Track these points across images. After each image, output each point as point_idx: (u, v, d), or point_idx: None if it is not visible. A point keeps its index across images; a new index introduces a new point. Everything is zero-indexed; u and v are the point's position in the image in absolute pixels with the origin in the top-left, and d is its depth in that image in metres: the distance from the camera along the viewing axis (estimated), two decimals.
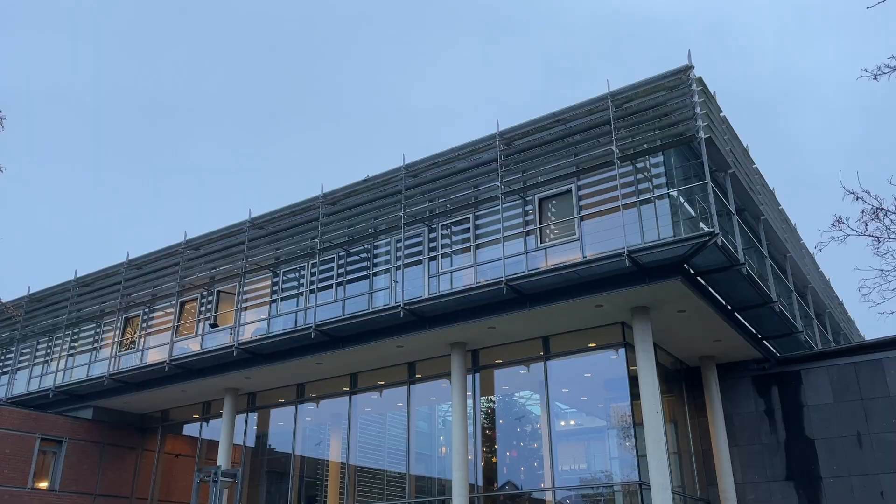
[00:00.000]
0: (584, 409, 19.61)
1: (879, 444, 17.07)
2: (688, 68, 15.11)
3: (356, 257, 19.92)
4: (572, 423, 19.47)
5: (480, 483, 18.21)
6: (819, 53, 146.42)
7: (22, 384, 26.54)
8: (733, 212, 16.43)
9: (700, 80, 15.19)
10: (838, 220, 11.31)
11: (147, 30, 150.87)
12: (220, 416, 23.09)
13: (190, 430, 25.86)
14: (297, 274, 20.87)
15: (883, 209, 11.15)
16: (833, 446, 17.65)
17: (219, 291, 22.40)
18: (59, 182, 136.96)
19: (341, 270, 19.99)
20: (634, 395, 16.29)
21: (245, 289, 21.54)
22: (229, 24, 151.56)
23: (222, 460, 21.64)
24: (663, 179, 15.77)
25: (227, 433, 22.27)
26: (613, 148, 15.38)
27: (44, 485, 23.16)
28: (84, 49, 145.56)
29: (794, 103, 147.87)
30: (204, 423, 24.98)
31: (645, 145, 15.49)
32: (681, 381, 19.52)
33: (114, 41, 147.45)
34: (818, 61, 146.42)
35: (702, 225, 15.24)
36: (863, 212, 11.16)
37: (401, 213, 18.26)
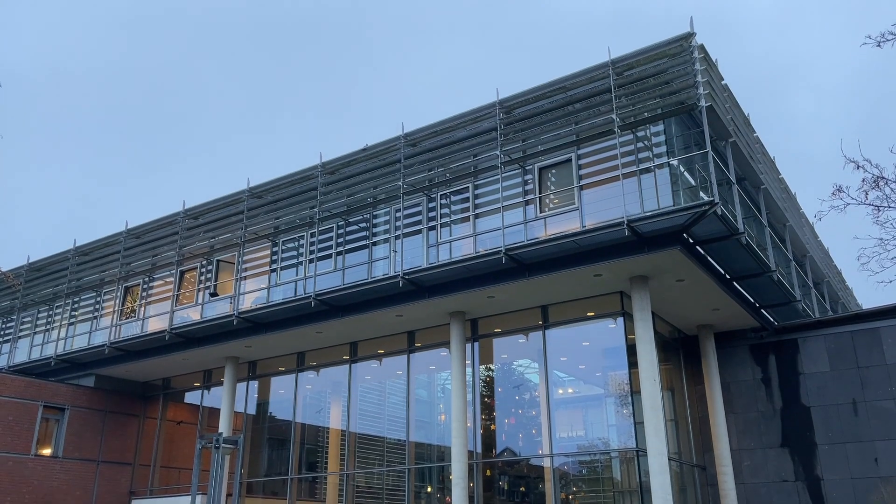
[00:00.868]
0: (583, 377, 19.76)
1: (875, 411, 17.24)
2: (689, 35, 14.94)
3: (355, 227, 19.91)
4: (570, 391, 19.64)
5: (479, 450, 18.43)
6: (814, 34, 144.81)
7: (23, 352, 26.71)
8: (733, 181, 16.39)
9: (702, 48, 15.03)
10: (838, 189, 11.28)
11: (148, 8, 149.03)
12: (221, 384, 23.28)
13: (191, 397, 26.10)
14: (297, 243, 20.87)
15: (883, 178, 11.12)
16: (828, 414, 17.84)
17: (218, 261, 22.42)
18: (60, 158, 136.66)
19: (340, 240, 19.99)
20: (632, 363, 16.41)
21: (244, 258, 21.56)
22: (230, 2, 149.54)
23: (224, 427, 21.87)
24: (664, 148, 15.70)
25: (228, 401, 22.47)
26: (614, 116, 15.28)
27: (47, 451, 23.43)
28: (85, 27, 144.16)
29: (788, 84, 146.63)
30: (205, 391, 25.19)
31: (646, 114, 15.39)
32: (678, 349, 19.65)
33: (115, 19, 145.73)
34: (813, 42, 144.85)
35: (701, 194, 15.21)
36: (863, 181, 11.14)
37: (400, 183, 18.20)
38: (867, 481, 16.75)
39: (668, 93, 15.16)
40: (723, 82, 16.61)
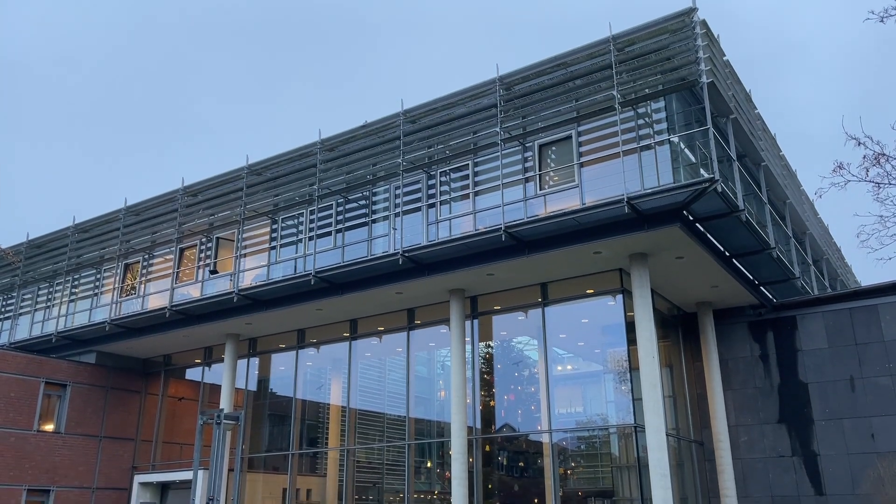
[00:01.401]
0: (582, 354, 19.86)
1: (872, 387, 17.35)
2: (691, 10, 14.81)
3: (355, 204, 19.87)
4: (569, 367, 19.74)
5: (479, 426, 18.57)
6: (810, 16, 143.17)
7: (24, 329, 26.79)
8: (734, 158, 16.33)
9: (704, 24, 14.90)
10: (839, 166, 11.26)
11: None
12: (221, 360, 23.39)
13: (192, 374, 26.23)
14: (296, 221, 20.85)
15: (884, 154, 11.09)
16: (826, 390, 17.95)
17: (218, 238, 22.41)
18: (62, 139, 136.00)
19: (340, 217, 19.97)
20: (631, 340, 16.48)
21: (244, 235, 21.55)
22: None
23: (225, 404, 22.01)
24: (664, 125, 15.62)
25: (228, 377, 22.59)
26: (615, 93, 15.18)
27: (49, 427, 23.60)
28: (86, 5, 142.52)
29: (785, 66, 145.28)
30: (206, 368, 25.31)
31: (646, 90, 15.29)
32: (677, 326, 19.72)
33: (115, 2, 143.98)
34: (810, 23, 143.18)
35: (702, 171, 15.17)
36: (864, 157, 11.11)
37: (399, 160, 18.14)
38: (864, 457, 16.91)
39: (669, 69, 15.06)
40: (724, 58, 16.49)
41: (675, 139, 15.49)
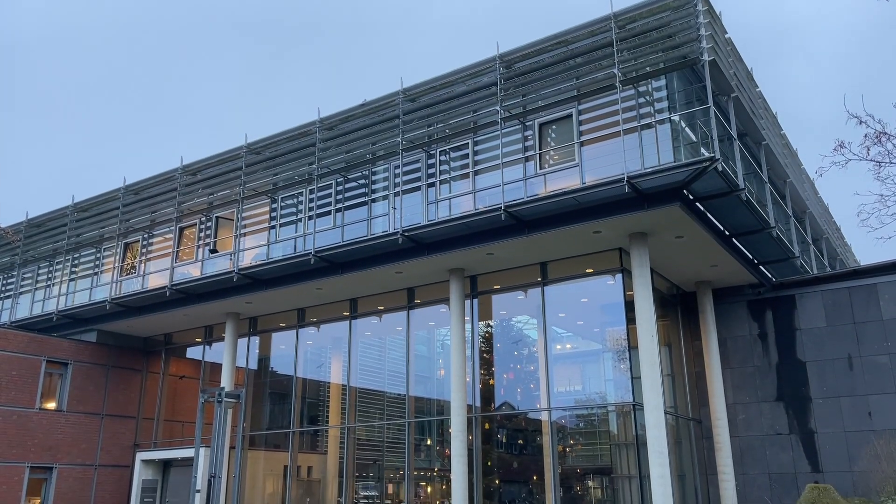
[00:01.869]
0: (581, 333, 19.93)
1: (870, 366, 17.43)
2: None
3: (354, 183, 19.83)
4: (568, 346, 19.82)
5: (478, 404, 18.68)
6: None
7: (25, 308, 26.85)
8: (734, 137, 16.26)
9: (705, 0, 14.76)
10: (840, 145, 11.22)
11: None
12: (222, 339, 23.47)
13: (193, 353, 26.34)
14: (296, 200, 20.81)
15: (886, 133, 11.05)
16: (824, 368, 18.04)
17: (217, 217, 22.39)
18: (62, 119, 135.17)
19: (339, 197, 19.93)
20: (630, 319, 16.52)
21: (243, 215, 21.53)
22: None
23: (225, 382, 22.13)
24: (665, 104, 15.54)
25: (229, 356, 22.68)
26: (615, 71, 15.09)
27: (51, 405, 23.74)
28: None
29: (784, 49, 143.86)
30: (207, 347, 25.41)
31: (647, 68, 15.19)
32: (676, 305, 19.77)
33: None
34: (808, 7, 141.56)
35: (702, 150, 15.12)
36: (865, 136, 11.07)
37: (399, 139, 18.06)
38: (860, 434, 17.03)
39: (670, 46, 14.95)
40: (726, 36, 16.36)
41: (676, 118, 15.42)
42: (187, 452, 22.97)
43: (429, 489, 21.44)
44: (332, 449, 22.17)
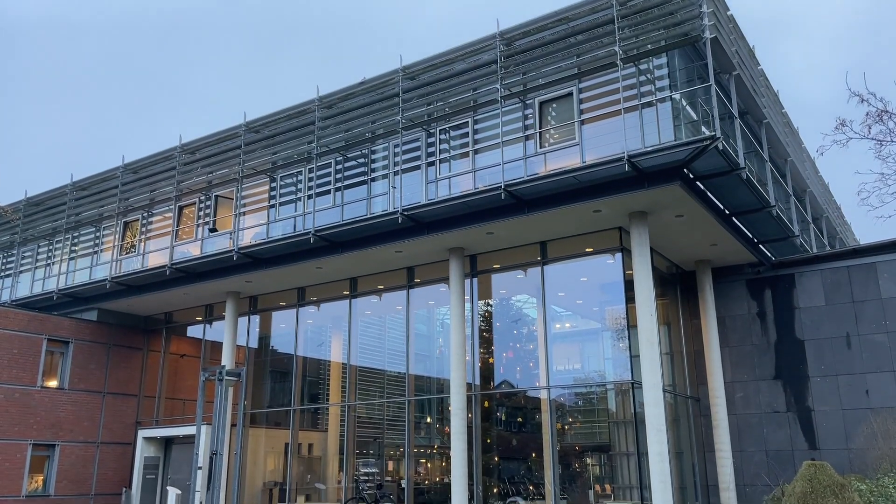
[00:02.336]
0: (580, 312, 20.00)
1: (868, 345, 17.51)
2: None
3: (354, 162, 19.77)
4: (568, 325, 19.89)
5: (478, 382, 18.78)
6: None
7: (25, 287, 26.89)
8: (735, 115, 16.19)
9: None
10: (841, 123, 11.20)
11: None
12: (222, 318, 23.54)
13: (194, 331, 26.43)
14: (295, 179, 20.77)
15: (887, 111, 11.02)
16: (822, 347, 18.12)
17: (217, 196, 22.35)
18: (61, 100, 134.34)
19: (339, 175, 19.88)
20: (629, 298, 16.56)
21: (243, 193, 21.49)
22: None
23: (226, 361, 22.23)
24: (666, 82, 15.45)
25: (230, 335, 22.77)
26: (616, 48, 14.98)
27: (53, 383, 23.86)
28: None
29: (781, 34, 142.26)
30: (207, 325, 25.48)
31: (649, 46, 15.07)
32: (676, 284, 19.81)
33: None
34: None
35: (703, 129, 15.06)
36: (867, 114, 11.05)
37: (398, 118, 17.98)
38: (858, 412, 17.15)
39: (672, 24, 14.82)
40: (728, 13, 16.23)
41: (677, 96, 15.34)
42: (189, 430, 23.14)
43: (428, 466, 21.65)
44: (333, 426, 22.34)
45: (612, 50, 15.12)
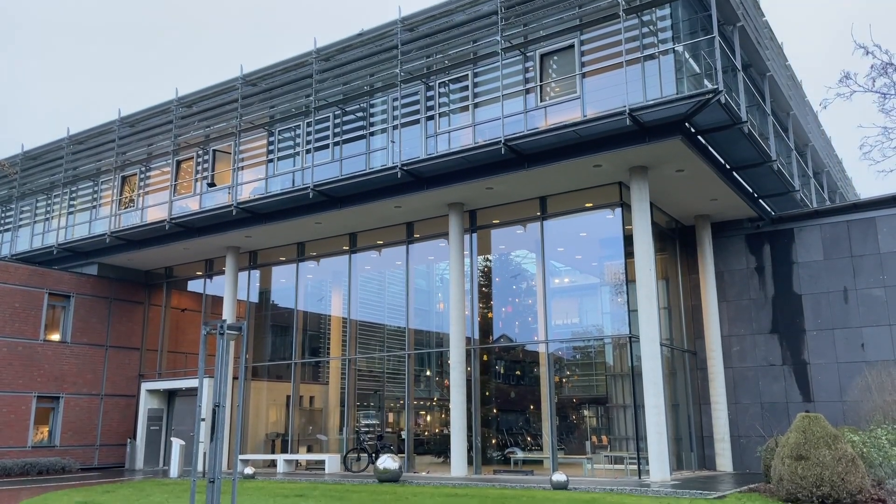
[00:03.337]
0: (579, 267, 20.05)
1: (865, 299, 17.62)
2: None
3: (352, 116, 19.58)
4: (566, 280, 19.98)
5: (477, 336, 18.95)
6: None
7: (25, 241, 26.91)
8: (738, 68, 15.99)
9: None
10: (846, 76, 11.05)
11: None
12: (223, 273, 23.61)
13: (194, 286, 26.53)
14: (293, 133, 20.60)
15: (892, 64, 10.87)
16: (819, 301, 18.24)
17: (215, 150, 22.20)
18: (59, 55, 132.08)
19: (337, 130, 19.71)
20: (629, 253, 16.59)
21: (241, 148, 21.34)
22: None
23: (227, 315, 22.38)
24: (669, 34, 15.20)
25: (230, 289, 22.87)
26: None
27: (55, 337, 24.06)
28: None
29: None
30: (207, 280, 25.58)
31: None
32: (675, 239, 19.83)
33: None
34: None
35: (705, 82, 14.88)
36: (872, 67, 10.90)
37: (397, 70, 17.75)
38: (853, 366, 17.34)
39: None
40: None
41: (680, 48, 15.11)
42: (191, 383, 23.43)
43: (428, 418, 21.99)
44: (334, 379, 22.61)
45: (615, 0, 14.84)
